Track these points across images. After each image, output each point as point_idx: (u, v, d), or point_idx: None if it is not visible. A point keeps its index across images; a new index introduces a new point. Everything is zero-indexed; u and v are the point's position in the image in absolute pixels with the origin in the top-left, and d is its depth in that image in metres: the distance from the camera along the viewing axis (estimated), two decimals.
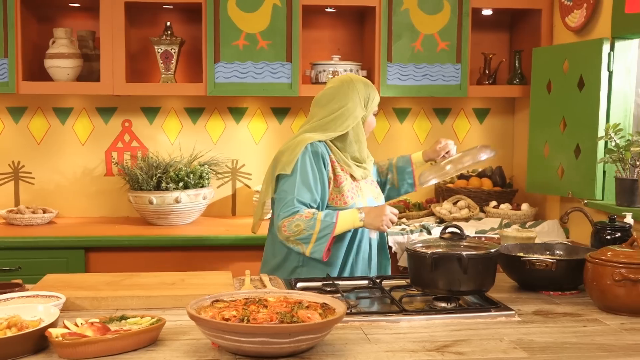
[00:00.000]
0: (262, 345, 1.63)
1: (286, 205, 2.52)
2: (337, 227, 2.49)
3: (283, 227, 2.51)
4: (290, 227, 2.49)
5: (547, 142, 3.71)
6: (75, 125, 4.03)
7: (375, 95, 2.73)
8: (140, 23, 4.00)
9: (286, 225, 2.50)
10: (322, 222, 2.48)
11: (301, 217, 2.49)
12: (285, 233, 2.51)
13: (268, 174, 2.69)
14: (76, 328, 1.73)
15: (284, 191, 2.56)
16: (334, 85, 2.72)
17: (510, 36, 4.29)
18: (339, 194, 2.62)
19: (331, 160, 2.64)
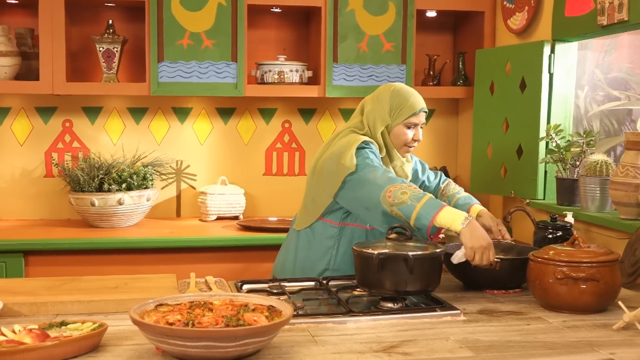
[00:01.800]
0: (208, 350, 1.60)
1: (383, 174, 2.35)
2: (439, 215, 2.22)
3: (389, 192, 2.29)
4: (397, 195, 2.27)
5: (490, 142, 3.77)
6: (13, 126, 3.92)
7: (407, 103, 2.54)
8: (81, 21, 3.91)
9: (392, 192, 2.28)
10: (430, 200, 2.25)
11: (410, 187, 2.31)
12: (390, 200, 2.28)
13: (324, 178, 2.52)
14: (14, 335, 1.68)
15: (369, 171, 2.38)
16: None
17: (454, 38, 4.34)
18: None
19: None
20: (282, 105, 4.17)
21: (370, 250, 2.15)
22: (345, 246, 2.57)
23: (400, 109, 2.55)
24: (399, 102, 2.55)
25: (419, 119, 2.57)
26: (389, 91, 2.59)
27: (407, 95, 2.57)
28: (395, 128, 2.56)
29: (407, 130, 2.56)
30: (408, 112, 2.54)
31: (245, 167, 4.15)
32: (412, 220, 2.25)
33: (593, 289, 2.07)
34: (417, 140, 2.59)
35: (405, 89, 2.61)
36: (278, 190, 4.18)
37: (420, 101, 2.58)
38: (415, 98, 2.58)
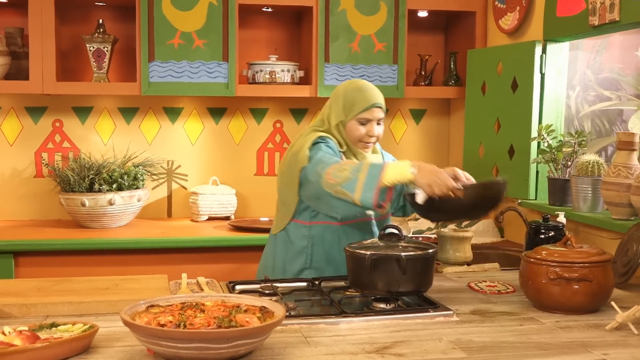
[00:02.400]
0: (200, 351, 1.59)
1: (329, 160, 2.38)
2: (386, 172, 2.21)
3: (328, 175, 2.30)
4: (336, 174, 2.28)
5: (482, 142, 3.77)
6: (2, 125, 3.89)
7: (361, 101, 2.51)
8: (71, 20, 3.89)
9: (331, 173, 2.30)
10: (372, 166, 2.25)
11: (348, 163, 2.33)
12: (331, 181, 2.29)
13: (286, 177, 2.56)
14: (3, 337, 1.66)
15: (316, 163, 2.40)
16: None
17: (446, 38, 4.34)
18: None
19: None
20: (274, 105, 4.16)
21: (362, 251, 2.14)
22: (319, 245, 2.56)
23: (352, 104, 2.53)
24: (352, 98, 2.53)
25: (372, 114, 2.52)
26: (344, 87, 2.58)
27: (361, 91, 2.55)
28: (349, 124, 2.53)
29: (360, 126, 2.53)
30: (360, 107, 2.51)
31: (237, 167, 4.13)
32: (359, 191, 2.23)
33: (586, 290, 2.07)
34: (373, 136, 2.55)
35: (359, 85, 2.58)
36: (269, 191, 4.16)
37: (373, 96, 2.54)
38: (369, 93, 2.54)
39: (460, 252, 2.75)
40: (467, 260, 2.78)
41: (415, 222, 3.76)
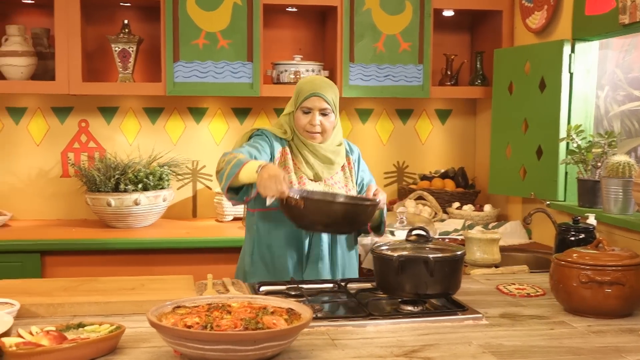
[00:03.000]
0: (226, 353, 1.58)
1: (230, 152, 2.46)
2: (242, 169, 2.31)
3: (218, 167, 2.42)
4: (219, 163, 2.42)
5: (509, 143, 3.72)
6: (29, 126, 3.91)
7: (303, 89, 2.60)
8: (97, 21, 3.90)
9: (219, 162, 2.43)
10: (237, 161, 2.34)
11: (231, 155, 2.40)
12: (216, 169, 2.44)
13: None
14: (31, 337, 1.66)
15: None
16: None
17: (472, 37, 4.30)
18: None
19: (284, 152, 2.62)
20: None
21: (390, 252, 2.12)
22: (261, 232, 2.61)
23: (298, 94, 2.63)
24: (299, 89, 2.63)
25: (313, 103, 2.58)
26: (299, 81, 2.70)
27: (305, 82, 2.65)
28: (296, 113, 2.63)
29: (303, 115, 2.60)
30: (302, 96, 2.60)
31: None
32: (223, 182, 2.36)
33: (618, 293, 2.03)
34: (315, 125, 2.59)
35: (310, 78, 2.70)
36: None
37: (315, 87, 2.60)
38: (313, 84, 2.61)
39: (488, 254, 2.72)
40: (495, 262, 2.74)
41: (441, 224, 3.73)
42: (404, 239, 2.24)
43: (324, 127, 2.61)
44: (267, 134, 2.63)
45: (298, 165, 2.63)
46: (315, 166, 2.62)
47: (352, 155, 2.77)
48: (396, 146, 4.26)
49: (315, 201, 2.29)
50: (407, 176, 4.29)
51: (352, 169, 2.75)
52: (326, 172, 2.65)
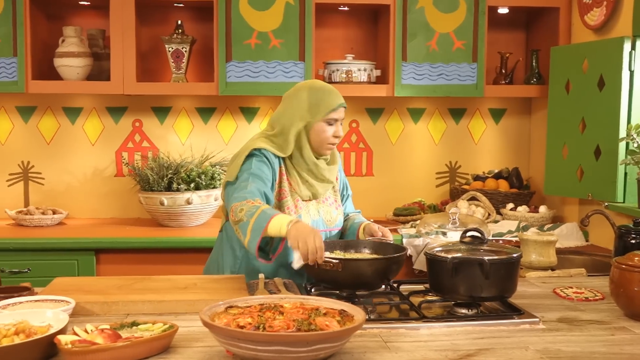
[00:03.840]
0: (279, 354, 1.57)
1: (240, 189, 2.35)
2: (269, 226, 2.18)
3: (232, 211, 2.29)
4: (236, 213, 2.26)
5: (565, 143, 3.64)
6: (85, 125, 3.98)
7: (327, 100, 2.46)
8: (151, 21, 3.94)
9: (234, 210, 2.28)
10: (262, 213, 2.21)
11: (248, 202, 2.27)
12: (232, 218, 2.29)
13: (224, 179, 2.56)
14: (86, 335, 1.67)
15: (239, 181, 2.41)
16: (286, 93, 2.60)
17: (527, 35, 4.22)
18: (279, 208, 2.45)
19: (280, 173, 2.49)
20: (350, 104, 4.09)
21: (443, 254, 2.08)
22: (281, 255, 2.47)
23: (319, 105, 2.46)
24: (318, 98, 2.47)
25: (339, 114, 2.49)
26: (306, 88, 2.51)
27: (326, 92, 2.50)
28: (316, 125, 2.46)
29: (328, 127, 2.48)
30: (328, 108, 2.46)
31: None
32: (248, 235, 2.20)
33: None
34: (339, 137, 2.51)
35: (322, 85, 2.53)
36: None
37: (339, 97, 2.50)
38: (335, 94, 2.50)
39: (544, 256, 2.65)
40: (551, 265, 2.67)
41: (495, 225, 3.66)
42: (458, 241, 2.20)
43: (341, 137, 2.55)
44: (267, 155, 2.46)
45: (294, 187, 2.50)
46: (315, 185, 2.52)
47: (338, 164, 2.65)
48: (449, 146, 4.20)
49: (353, 262, 2.15)
50: (460, 176, 4.23)
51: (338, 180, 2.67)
52: (322, 190, 2.55)
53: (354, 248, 2.38)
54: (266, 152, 2.46)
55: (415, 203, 3.95)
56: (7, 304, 1.95)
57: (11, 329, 1.67)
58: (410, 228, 3.63)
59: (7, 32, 3.56)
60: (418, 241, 3.38)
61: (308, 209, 2.52)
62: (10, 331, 1.66)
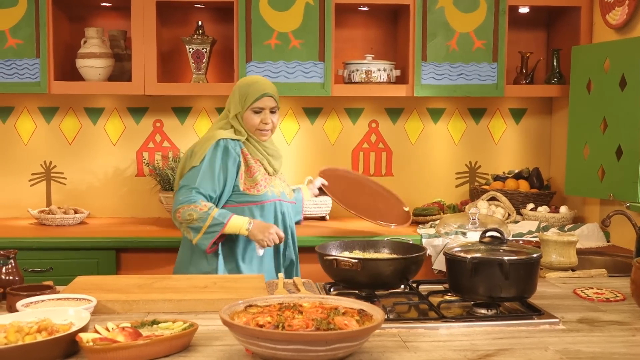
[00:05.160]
0: (298, 353, 1.57)
1: (186, 193, 2.75)
2: (225, 228, 2.72)
3: (178, 213, 2.74)
4: (184, 215, 2.72)
5: (586, 143, 3.61)
6: (106, 126, 4.02)
7: (251, 91, 2.84)
8: (172, 22, 3.97)
9: (181, 212, 2.73)
10: (214, 219, 2.71)
11: (197, 207, 2.72)
12: (179, 219, 2.74)
13: (180, 168, 2.90)
14: (107, 333, 1.69)
15: (187, 178, 2.79)
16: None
17: (548, 34, 4.19)
18: (253, 183, 2.84)
19: (244, 153, 2.85)
20: (369, 104, 4.12)
21: (463, 254, 2.08)
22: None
23: (246, 96, 2.85)
24: (245, 90, 2.86)
25: (264, 103, 2.85)
26: (239, 82, 2.93)
27: (252, 83, 2.88)
28: (245, 114, 2.86)
29: (254, 115, 2.85)
30: (252, 97, 2.84)
31: None
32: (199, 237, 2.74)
33: None
34: (268, 124, 2.86)
35: (252, 78, 2.96)
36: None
37: (263, 87, 2.86)
38: (260, 85, 2.86)
39: (564, 256, 2.64)
40: (571, 265, 2.66)
41: (515, 225, 3.64)
42: (478, 241, 2.19)
43: (274, 125, 2.90)
44: (230, 144, 2.82)
45: (261, 162, 2.88)
46: (273, 161, 2.91)
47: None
48: (468, 146, 4.19)
49: (372, 262, 2.15)
50: (480, 177, 4.21)
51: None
52: (279, 166, 2.95)
53: (373, 248, 2.39)
54: (228, 142, 2.82)
55: (434, 203, 3.94)
56: (29, 302, 1.98)
57: (34, 326, 1.69)
58: (430, 228, 3.63)
59: (30, 34, 3.60)
60: (437, 241, 3.37)
61: (274, 183, 2.92)
62: (33, 329, 1.68)
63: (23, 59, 3.62)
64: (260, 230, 2.75)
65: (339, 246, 2.35)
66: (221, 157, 2.79)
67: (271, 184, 2.89)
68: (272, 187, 2.89)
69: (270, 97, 2.86)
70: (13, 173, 4.00)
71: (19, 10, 3.61)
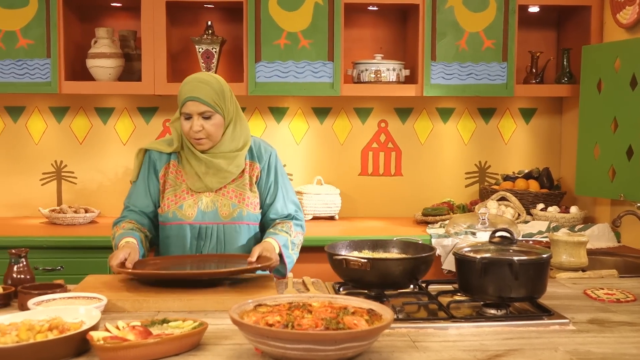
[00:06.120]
0: (307, 352, 1.58)
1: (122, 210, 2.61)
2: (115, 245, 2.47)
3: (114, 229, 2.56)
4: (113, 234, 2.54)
5: (597, 143, 3.60)
6: (116, 125, 4.03)
7: (180, 94, 2.48)
8: (181, 22, 3.98)
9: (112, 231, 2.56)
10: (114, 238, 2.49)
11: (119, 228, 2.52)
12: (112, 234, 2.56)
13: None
14: (118, 331, 1.70)
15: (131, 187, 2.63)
16: None
17: (558, 34, 4.18)
18: (162, 200, 2.55)
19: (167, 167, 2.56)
20: (379, 104, 4.12)
21: (472, 254, 2.07)
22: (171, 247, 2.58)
23: (179, 100, 2.49)
24: (179, 93, 2.49)
25: (190, 108, 2.43)
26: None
27: (182, 86, 2.49)
28: (181, 120, 2.49)
29: (185, 121, 2.47)
30: (180, 102, 2.48)
31: (341, 167, 4.12)
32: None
33: None
34: (198, 131, 2.44)
35: (186, 80, 2.51)
36: (374, 191, 4.14)
37: (188, 89, 2.45)
38: (186, 88, 2.46)
39: (574, 257, 2.63)
40: (581, 266, 2.65)
41: (525, 225, 3.64)
42: (487, 241, 2.19)
43: (208, 132, 2.46)
44: (150, 156, 2.57)
45: (183, 178, 2.53)
46: (203, 176, 2.50)
47: (260, 162, 2.60)
48: (478, 146, 4.18)
49: (381, 262, 2.14)
50: (489, 176, 4.20)
51: (255, 176, 2.58)
52: (216, 182, 2.52)
53: (382, 248, 2.38)
54: (150, 152, 2.58)
55: (444, 203, 3.93)
56: (41, 300, 1.99)
57: (45, 325, 1.70)
58: (439, 228, 3.62)
59: (41, 34, 3.62)
60: (447, 241, 3.37)
61: (198, 201, 2.51)
62: (44, 327, 1.69)
63: (34, 59, 3.63)
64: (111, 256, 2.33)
65: (348, 246, 2.34)
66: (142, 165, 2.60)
67: (188, 202, 2.51)
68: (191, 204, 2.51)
69: (195, 101, 2.43)
70: (24, 172, 4.03)
71: (30, 11, 3.63)
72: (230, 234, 2.53)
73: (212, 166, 2.51)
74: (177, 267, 2.39)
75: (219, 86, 2.49)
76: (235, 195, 2.55)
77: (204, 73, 2.57)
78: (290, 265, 2.57)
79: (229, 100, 2.53)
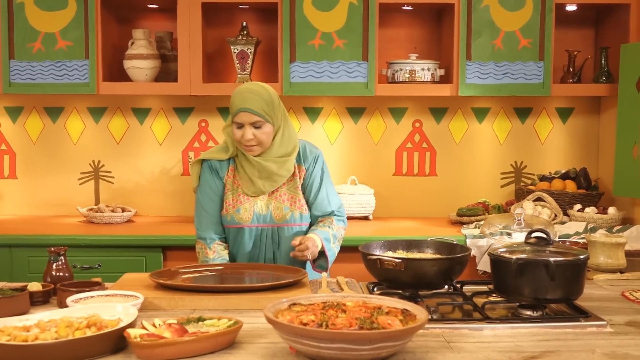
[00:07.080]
0: (341, 352, 1.58)
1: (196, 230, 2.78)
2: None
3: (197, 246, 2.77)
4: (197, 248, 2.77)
5: (636, 143, 3.54)
6: (153, 125, 4.08)
7: (233, 104, 2.61)
8: (217, 23, 4.01)
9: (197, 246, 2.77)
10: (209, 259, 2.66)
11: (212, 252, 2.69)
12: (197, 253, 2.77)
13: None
14: (154, 329, 1.72)
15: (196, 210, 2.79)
16: None
17: (596, 32, 4.12)
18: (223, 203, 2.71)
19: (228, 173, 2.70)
20: (413, 104, 4.11)
21: (508, 255, 2.06)
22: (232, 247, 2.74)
23: (231, 108, 2.62)
24: (231, 102, 2.62)
25: (242, 118, 2.57)
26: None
27: (234, 96, 2.62)
28: (233, 127, 2.62)
29: (237, 130, 2.61)
30: (232, 112, 2.61)
31: (375, 167, 4.12)
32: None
33: None
34: (249, 140, 2.59)
35: (239, 89, 2.64)
36: (408, 191, 4.13)
37: (241, 101, 2.58)
38: (239, 97, 2.60)
39: (612, 258, 2.59)
40: (620, 267, 2.62)
41: (561, 226, 3.59)
42: (523, 241, 2.17)
43: (259, 139, 2.61)
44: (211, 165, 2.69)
45: (239, 183, 2.68)
46: (256, 180, 2.64)
47: (305, 164, 2.74)
48: (514, 146, 4.14)
49: (416, 262, 2.14)
50: (525, 177, 4.16)
51: (301, 177, 2.73)
52: (268, 185, 2.66)
53: (417, 248, 2.38)
54: (211, 163, 2.70)
55: (479, 203, 3.90)
56: (79, 298, 2.03)
57: (83, 322, 1.73)
58: (474, 229, 3.60)
59: (80, 36, 3.68)
60: (482, 242, 3.35)
61: (254, 204, 2.67)
62: (83, 324, 1.72)
63: (73, 60, 3.69)
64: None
65: (383, 246, 2.34)
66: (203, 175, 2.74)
67: (245, 205, 2.66)
68: (248, 208, 2.66)
69: (247, 112, 2.57)
70: (63, 172, 4.09)
71: (69, 13, 3.69)
72: (283, 235, 2.69)
73: (264, 170, 2.64)
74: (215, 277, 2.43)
75: (268, 96, 2.62)
76: (287, 198, 2.70)
77: (254, 83, 2.71)
78: (332, 258, 2.69)
79: (278, 108, 2.67)
